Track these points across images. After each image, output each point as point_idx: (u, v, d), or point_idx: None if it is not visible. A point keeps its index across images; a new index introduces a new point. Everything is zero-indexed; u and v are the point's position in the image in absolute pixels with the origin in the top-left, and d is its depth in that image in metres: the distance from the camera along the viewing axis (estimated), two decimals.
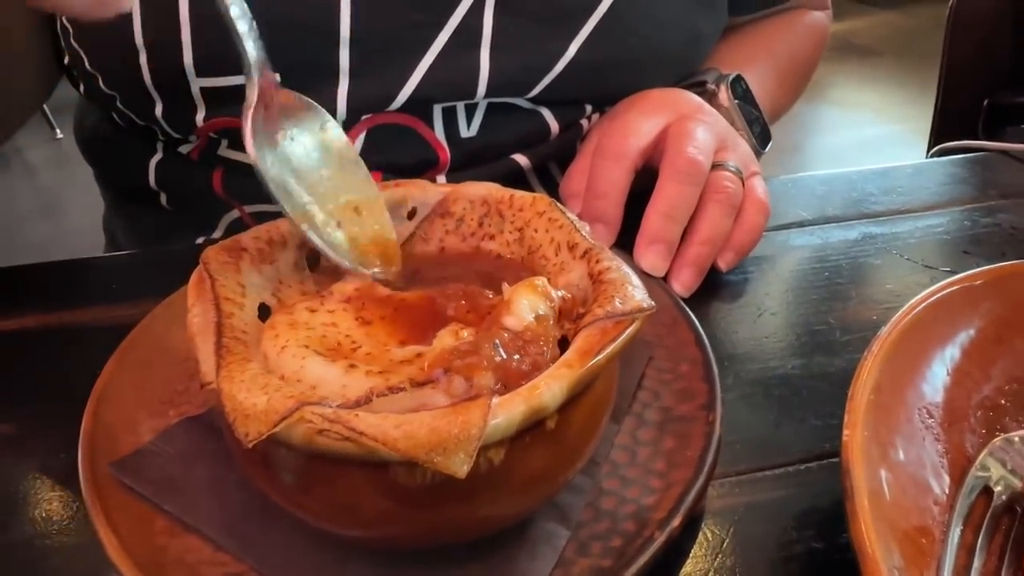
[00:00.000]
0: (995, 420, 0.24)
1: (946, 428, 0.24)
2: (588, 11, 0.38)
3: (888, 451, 0.21)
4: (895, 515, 0.20)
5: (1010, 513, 0.22)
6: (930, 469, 0.22)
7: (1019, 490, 0.22)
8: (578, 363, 0.19)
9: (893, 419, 0.22)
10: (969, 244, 0.40)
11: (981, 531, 0.21)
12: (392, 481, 0.18)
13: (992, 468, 0.22)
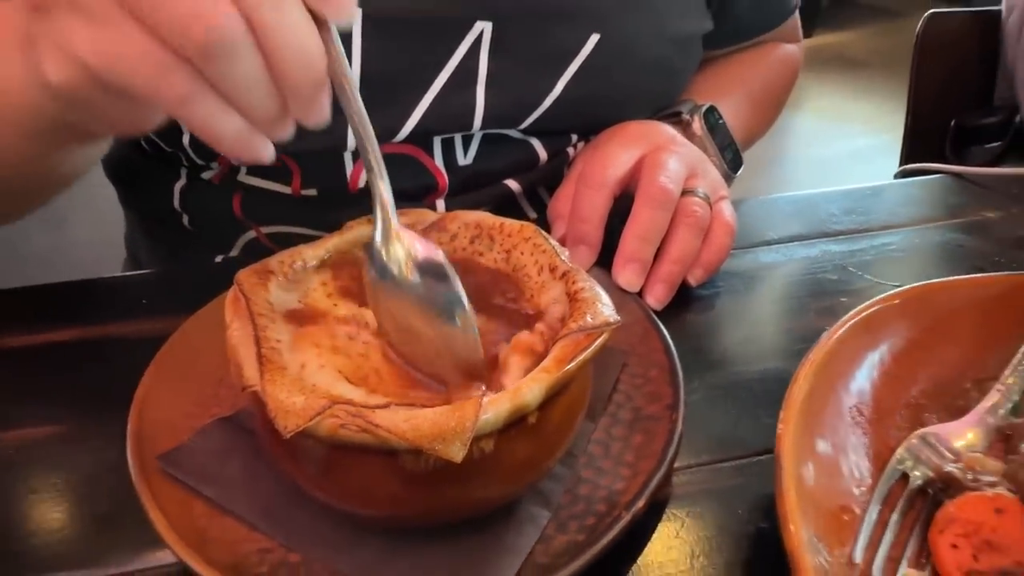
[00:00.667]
0: (917, 417, 0.28)
1: (874, 424, 0.28)
2: (573, 54, 0.42)
3: (817, 443, 0.25)
4: (819, 496, 0.24)
5: (923, 496, 0.25)
6: (856, 458, 0.26)
7: (931, 477, 0.26)
8: (554, 369, 0.23)
9: (823, 416, 0.26)
10: (919, 262, 0.44)
11: (896, 510, 0.25)
12: (401, 467, 0.22)
13: (909, 458, 0.26)
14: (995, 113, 0.74)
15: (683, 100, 0.50)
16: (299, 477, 0.24)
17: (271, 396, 0.21)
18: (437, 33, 0.40)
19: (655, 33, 0.45)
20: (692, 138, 0.47)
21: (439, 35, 0.40)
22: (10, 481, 0.30)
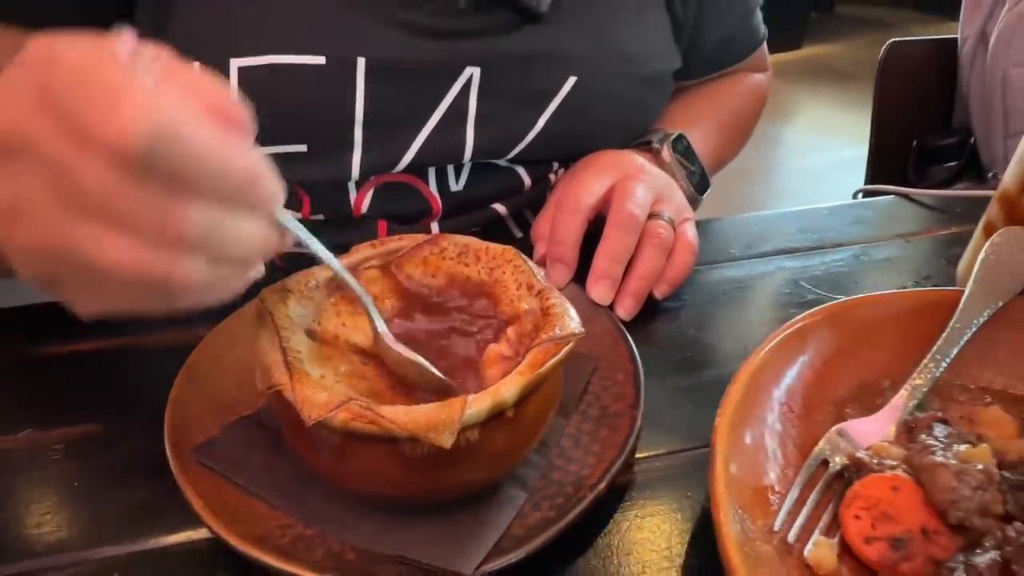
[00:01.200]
0: (839, 413, 0.33)
1: (802, 419, 0.32)
2: (552, 94, 0.47)
3: (748, 434, 0.30)
4: (746, 478, 0.28)
5: (839, 478, 0.30)
6: (783, 447, 0.31)
7: (846, 463, 0.30)
8: (528, 371, 0.28)
9: (756, 411, 0.31)
10: (861, 276, 0.49)
11: (815, 490, 0.30)
12: (401, 453, 0.27)
13: (829, 447, 0.31)
14: (953, 135, 0.80)
15: (654, 130, 0.55)
16: (315, 462, 0.29)
17: (299, 392, 0.26)
18: (431, 78, 0.45)
19: (627, 74, 0.50)
20: (662, 165, 0.52)
21: (433, 80, 0.45)
22: (57, 474, 0.34)
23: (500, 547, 0.28)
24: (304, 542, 0.29)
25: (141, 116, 0.19)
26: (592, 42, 0.48)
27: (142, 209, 0.20)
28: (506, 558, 0.27)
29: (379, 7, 0.44)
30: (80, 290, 0.23)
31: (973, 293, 0.36)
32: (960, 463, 0.27)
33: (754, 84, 0.68)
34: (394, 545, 0.28)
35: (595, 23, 0.48)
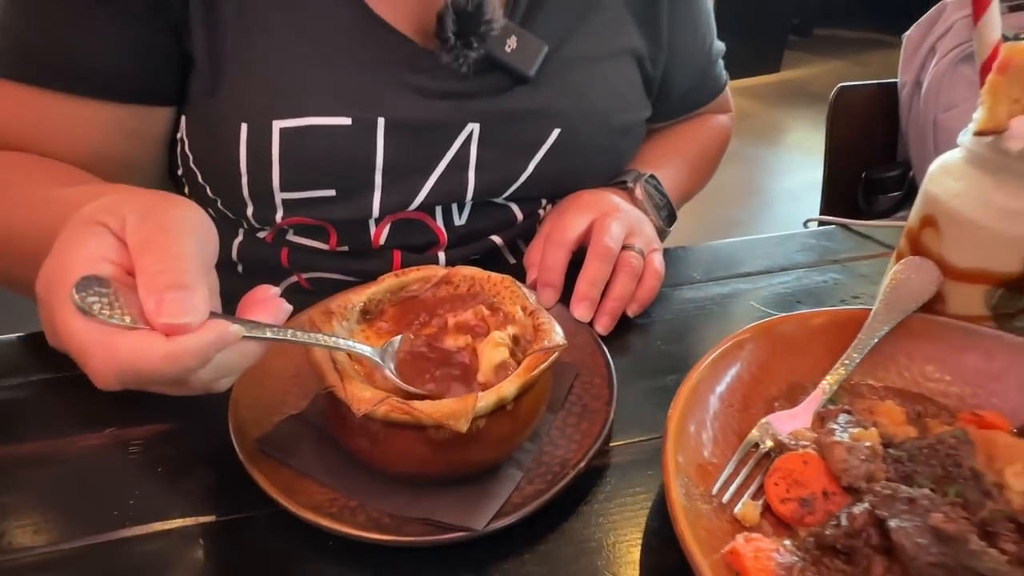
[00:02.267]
0: (769, 407, 0.42)
1: (740, 412, 0.41)
2: (540, 143, 0.56)
3: (693, 423, 0.38)
4: (693, 456, 0.37)
5: (767, 457, 0.39)
6: (724, 434, 0.39)
7: (772, 445, 0.39)
8: (524, 374, 0.36)
9: (702, 405, 0.39)
10: (802, 296, 0.58)
11: (747, 466, 0.38)
12: (427, 437, 0.35)
13: (760, 433, 0.39)
14: (896, 168, 0.90)
15: (629, 170, 0.64)
16: (357, 448, 0.37)
17: (349, 391, 0.34)
18: (439, 132, 0.54)
19: (604, 125, 0.59)
20: (635, 202, 0.61)
21: (440, 134, 0.54)
22: (141, 463, 0.42)
23: (502, 511, 0.36)
24: (349, 510, 0.37)
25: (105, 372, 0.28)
26: (573, 99, 0.57)
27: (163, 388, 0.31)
28: (507, 519, 0.35)
29: (394, 74, 0.52)
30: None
31: (879, 311, 0.45)
32: (852, 442, 0.36)
33: (718, 125, 0.78)
34: (420, 511, 0.36)
35: (575, 83, 0.58)
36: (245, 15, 0.50)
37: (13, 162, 0.49)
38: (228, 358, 0.31)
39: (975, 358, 0.43)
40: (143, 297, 0.28)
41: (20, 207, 0.44)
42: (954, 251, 0.46)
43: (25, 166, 0.49)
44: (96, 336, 0.28)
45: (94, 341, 0.28)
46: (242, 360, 0.32)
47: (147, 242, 0.30)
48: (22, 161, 0.50)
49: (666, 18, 0.62)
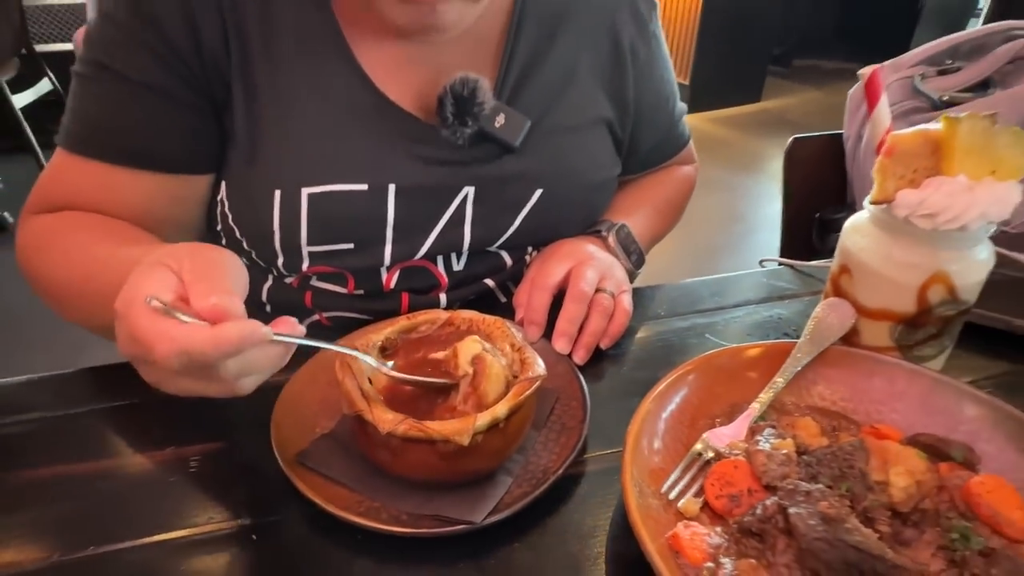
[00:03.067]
0: (712, 423, 0.51)
1: (687, 427, 0.51)
2: (525, 202, 0.67)
3: (646, 437, 0.48)
4: (646, 463, 0.46)
5: (708, 464, 0.48)
6: (675, 445, 0.49)
7: (712, 457, 0.48)
8: (512, 399, 0.46)
9: (654, 423, 0.49)
10: (751, 329, 0.68)
11: (691, 471, 0.47)
12: (437, 450, 0.44)
13: (702, 444, 0.49)
14: (846, 210, 1.01)
15: (603, 220, 0.74)
16: (380, 459, 0.46)
17: (375, 414, 0.43)
18: (440, 195, 0.64)
19: (579, 184, 0.70)
20: (608, 249, 0.71)
21: (441, 196, 0.64)
22: (200, 475, 0.51)
23: (496, 509, 0.45)
24: (373, 510, 0.46)
25: (170, 355, 0.37)
26: (553, 164, 0.68)
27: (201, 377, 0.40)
28: (500, 515, 0.45)
29: (402, 147, 0.63)
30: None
31: (803, 343, 0.55)
32: (772, 450, 0.46)
33: (683, 175, 0.88)
34: (430, 509, 0.46)
35: (555, 150, 0.68)
36: (279, 99, 0.60)
37: (85, 222, 0.59)
38: (256, 357, 0.40)
39: (880, 382, 0.53)
40: (195, 303, 0.39)
41: (94, 262, 0.54)
42: (864, 294, 0.56)
43: (94, 225, 0.59)
44: (160, 327, 0.37)
45: (159, 331, 0.37)
46: (267, 361, 0.41)
47: (198, 274, 0.40)
48: (92, 221, 0.60)
49: (632, 90, 0.73)
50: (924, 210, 0.50)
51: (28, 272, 0.60)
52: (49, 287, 0.58)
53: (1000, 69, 0.91)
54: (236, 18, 0.58)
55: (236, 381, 0.41)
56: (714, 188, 3.46)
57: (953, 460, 0.47)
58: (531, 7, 0.66)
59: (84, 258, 0.55)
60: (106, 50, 0.58)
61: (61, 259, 0.57)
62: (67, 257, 0.57)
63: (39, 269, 0.59)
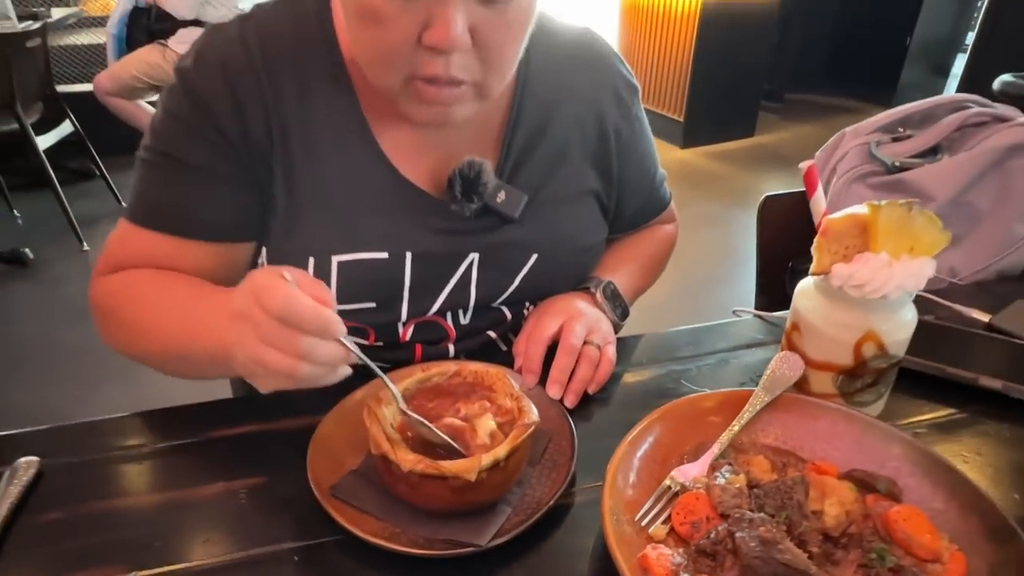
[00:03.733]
0: (681, 460, 0.61)
1: (659, 464, 0.60)
2: (522, 265, 0.77)
3: (623, 471, 0.57)
4: (622, 496, 0.56)
5: (676, 496, 0.57)
6: (647, 480, 0.58)
7: (679, 490, 0.58)
8: (511, 442, 0.55)
9: (631, 459, 0.58)
10: (721, 376, 0.77)
11: (661, 502, 0.57)
12: (449, 484, 0.53)
13: (671, 479, 0.58)
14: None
15: (592, 277, 0.84)
16: (402, 492, 0.56)
17: (398, 454, 0.53)
18: (450, 260, 0.74)
19: (571, 249, 0.80)
20: (596, 304, 0.80)
21: (451, 261, 0.75)
22: (248, 506, 0.60)
23: (498, 534, 0.54)
24: (395, 535, 0.55)
25: (281, 301, 0.48)
26: (547, 232, 0.78)
27: (283, 340, 0.49)
28: (501, 539, 0.54)
29: (417, 219, 0.73)
30: (260, 378, 0.52)
31: (759, 391, 0.65)
32: (726, 484, 0.55)
33: (665, 233, 0.98)
34: (443, 534, 0.55)
35: (548, 219, 0.78)
36: (313, 179, 0.71)
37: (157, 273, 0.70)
38: (324, 348, 0.51)
39: (824, 424, 0.63)
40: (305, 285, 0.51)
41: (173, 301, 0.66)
42: (810, 348, 0.66)
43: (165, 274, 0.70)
44: (281, 283, 0.49)
45: (279, 285, 0.49)
46: (327, 356, 0.51)
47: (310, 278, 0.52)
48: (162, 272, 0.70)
49: (616, 165, 0.83)
50: (853, 281, 0.60)
51: (106, 317, 0.71)
52: (131, 329, 0.68)
53: (948, 136, 1.02)
54: (278, 110, 0.69)
55: (299, 360, 0.50)
56: (709, 222, 3.57)
57: (879, 492, 0.56)
58: (528, 98, 0.77)
59: (165, 298, 0.66)
60: (168, 141, 0.69)
61: (140, 306, 0.68)
62: (145, 299, 0.68)
63: (119, 314, 0.69)
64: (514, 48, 0.64)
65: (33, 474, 0.62)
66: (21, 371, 2.38)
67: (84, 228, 3.19)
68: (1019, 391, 0.71)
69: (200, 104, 0.68)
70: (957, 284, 0.97)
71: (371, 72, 0.65)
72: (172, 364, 0.68)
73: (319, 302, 0.50)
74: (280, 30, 0.71)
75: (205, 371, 0.64)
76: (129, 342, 0.69)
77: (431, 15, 0.57)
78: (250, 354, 0.50)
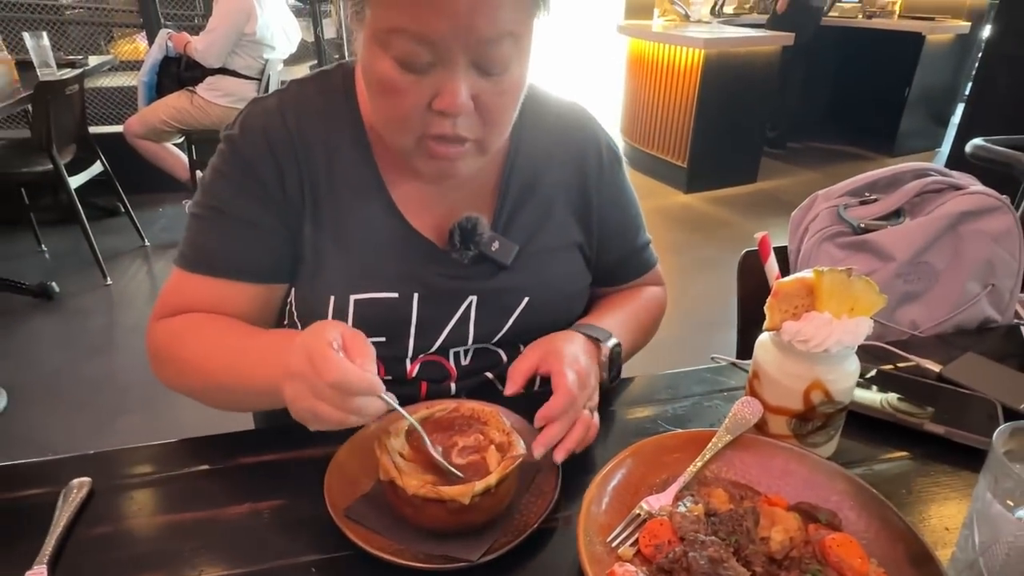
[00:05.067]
0: (650, 491, 0.69)
1: (630, 494, 0.69)
2: (515, 307, 0.87)
3: (597, 500, 0.66)
4: (596, 520, 0.64)
5: (644, 522, 0.66)
6: (619, 508, 0.67)
7: (647, 516, 0.66)
8: (501, 472, 0.64)
9: (604, 490, 0.67)
10: (693, 417, 0.86)
11: (631, 527, 0.65)
12: (447, 507, 0.62)
13: (640, 508, 0.67)
14: None
15: (602, 329, 0.84)
16: (406, 513, 0.65)
17: (404, 481, 0.62)
18: (451, 301, 0.85)
19: (558, 293, 0.90)
20: (598, 357, 0.87)
21: (452, 302, 0.85)
22: (271, 524, 0.69)
23: (488, 551, 0.63)
24: (401, 551, 0.64)
25: (336, 374, 0.58)
26: (536, 277, 0.88)
27: (336, 399, 0.59)
28: (491, 555, 0.62)
29: (424, 265, 0.84)
30: (312, 424, 0.61)
31: (722, 432, 0.73)
32: (687, 512, 0.64)
33: (655, 295, 1.04)
34: (441, 550, 0.63)
35: (538, 267, 0.88)
36: (336, 230, 0.82)
37: (210, 318, 0.80)
38: (368, 403, 0.60)
39: (778, 462, 0.71)
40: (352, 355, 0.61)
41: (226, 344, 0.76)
42: (767, 394, 0.75)
43: (217, 319, 0.80)
44: (336, 357, 0.59)
45: (335, 359, 0.59)
46: (371, 409, 0.61)
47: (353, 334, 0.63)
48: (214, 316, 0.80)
49: (596, 220, 0.93)
50: (800, 337, 0.70)
51: (160, 356, 0.80)
52: (184, 364, 0.78)
53: (909, 201, 1.12)
54: (310, 171, 0.81)
55: (349, 415, 0.60)
56: (711, 266, 3.67)
57: (820, 522, 0.65)
58: (520, 159, 0.89)
59: (217, 339, 0.77)
60: (217, 196, 0.81)
61: (195, 344, 0.78)
62: (199, 339, 0.78)
63: (174, 352, 0.79)
64: (510, 111, 0.76)
65: (86, 493, 0.72)
66: (45, 400, 2.48)
67: (108, 263, 3.34)
68: (960, 436, 0.79)
69: (246, 165, 0.79)
70: (918, 336, 1.06)
71: (388, 133, 0.76)
72: (219, 396, 0.78)
73: (362, 357, 0.60)
74: (312, 103, 0.83)
75: (251, 404, 0.74)
76: (180, 377, 0.79)
77: (440, 86, 0.69)
78: (307, 407, 0.60)
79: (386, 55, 0.68)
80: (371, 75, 0.71)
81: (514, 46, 0.69)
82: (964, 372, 0.91)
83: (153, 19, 4.34)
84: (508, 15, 0.67)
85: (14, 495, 0.73)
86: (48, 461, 0.77)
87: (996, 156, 1.67)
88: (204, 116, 3.47)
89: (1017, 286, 1.08)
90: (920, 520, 0.69)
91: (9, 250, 3.64)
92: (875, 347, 0.99)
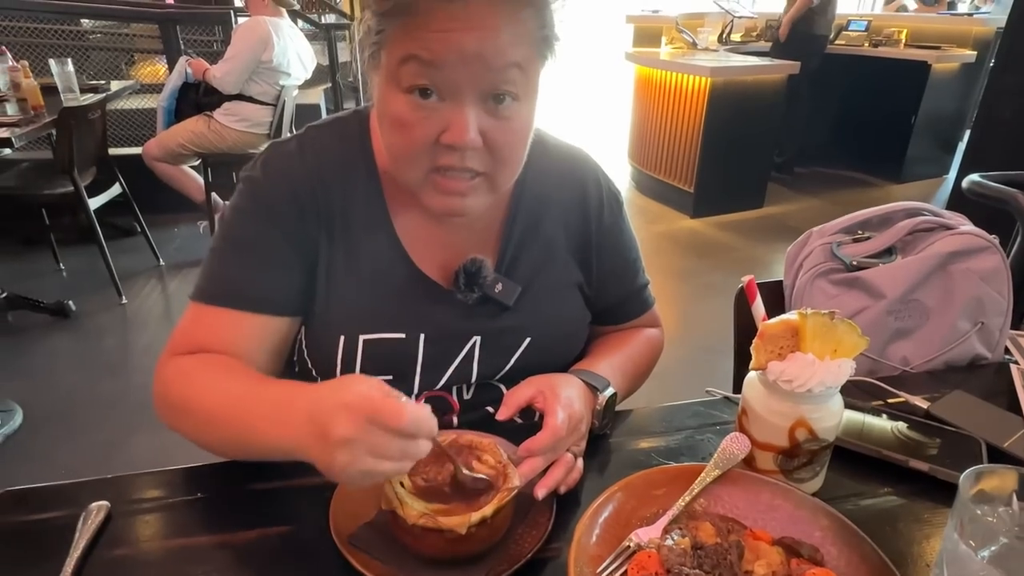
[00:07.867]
0: (640, 524, 0.72)
1: (619, 527, 0.72)
2: (517, 347, 0.90)
3: (588, 532, 0.69)
4: (587, 551, 0.67)
5: (633, 553, 0.69)
6: (610, 539, 0.70)
7: (636, 548, 0.69)
8: (497, 503, 0.67)
9: (595, 522, 0.70)
10: (685, 450, 0.89)
11: (620, 559, 0.68)
12: (445, 536, 0.66)
13: (629, 540, 0.70)
14: None
15: (600, 377, 0.85)
16: (407, 542, 0.68)
17: (405, 511, 0.66)
18: (456, 341, 0.89)
19: (558, 332, 0.94)
20: (591, 404, 0.90)
21: (457, 342, 0.89)
22: (278, 551, 0.72)
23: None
24: None
25: (410, 419, 0.60)
26: (538, 317, 0.92)
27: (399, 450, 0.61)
28: None
29: (430, 306, 0.88)
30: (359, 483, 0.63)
31: (710, 467, 0.76)
32: (674, 545, 0.67)
33: (651, 337, 1.07)
34: None
35: (540, 308, 0.92)
36: (347, 270, 0.86)
37: (219, 362, 0.81)
38: (426, 447, 0.62)
39: (764, 497, 0.74)
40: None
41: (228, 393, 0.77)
42: (755, 431, 0.78)
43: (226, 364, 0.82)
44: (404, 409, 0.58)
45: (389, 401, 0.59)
46: (426, 449, 0.61)
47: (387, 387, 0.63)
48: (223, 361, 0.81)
49: (595, 261, 0.97)
50: (784, 377, 0.73)
51: (169, 397, 0.80)
52: (189, 409, 0.77)
53: (901, 239, 1.15)
54: (326, 211, 0.85)
55: (407, 461, 0.60)
56: (718, 291, 3.69)
57: (803, 557, 0.67)
58: (524, 202, 0.93)
59: (222, 391, 0.76)
60: (237, 231, 0.85)
61: (202, 390, 0.77)
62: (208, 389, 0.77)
63: (182, 394, 0.78)
64: (519, 149, 0.79)
65: (104, 516, 0.76)
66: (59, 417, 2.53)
67: (123, 282, 3.41)
68: (943, 473, 0.82)
69: (267, 204, 0.84)
70: (909, 372, 1.09)
71: (399, 168, 0.79)
72: (227, 448, 0.78)
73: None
74: (330, 147, 0.88)
75: (264, 456, 0.73)
76: (181, 422, 0.78)
77: (449, 121, 0.73)
78: (363, 470, 0.59)
79: (399, 92, 0.73)
80: (385, 114, 0.76)
81: (521, 77, 0.73)
82: (951, 409, 0.94)
83: (174, 45, 4.48)
84: (515, 47, 0.71)
85: (35, 517, 0.77)
86: (68, 485, 0.81)
87: (991, 192, 1.70)
88: (221, 140, 3.56)
89: (1007, 324, 1.10)
90: (901, 557, 0.72)
91: (28, 268, 3.72)
92: (865, 383, 1.02)
